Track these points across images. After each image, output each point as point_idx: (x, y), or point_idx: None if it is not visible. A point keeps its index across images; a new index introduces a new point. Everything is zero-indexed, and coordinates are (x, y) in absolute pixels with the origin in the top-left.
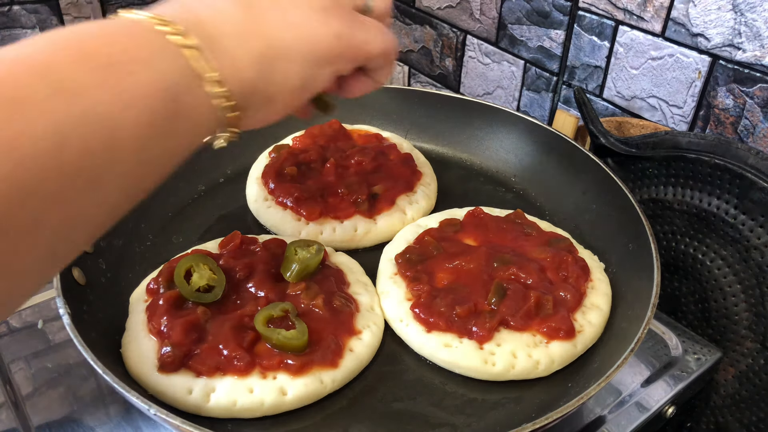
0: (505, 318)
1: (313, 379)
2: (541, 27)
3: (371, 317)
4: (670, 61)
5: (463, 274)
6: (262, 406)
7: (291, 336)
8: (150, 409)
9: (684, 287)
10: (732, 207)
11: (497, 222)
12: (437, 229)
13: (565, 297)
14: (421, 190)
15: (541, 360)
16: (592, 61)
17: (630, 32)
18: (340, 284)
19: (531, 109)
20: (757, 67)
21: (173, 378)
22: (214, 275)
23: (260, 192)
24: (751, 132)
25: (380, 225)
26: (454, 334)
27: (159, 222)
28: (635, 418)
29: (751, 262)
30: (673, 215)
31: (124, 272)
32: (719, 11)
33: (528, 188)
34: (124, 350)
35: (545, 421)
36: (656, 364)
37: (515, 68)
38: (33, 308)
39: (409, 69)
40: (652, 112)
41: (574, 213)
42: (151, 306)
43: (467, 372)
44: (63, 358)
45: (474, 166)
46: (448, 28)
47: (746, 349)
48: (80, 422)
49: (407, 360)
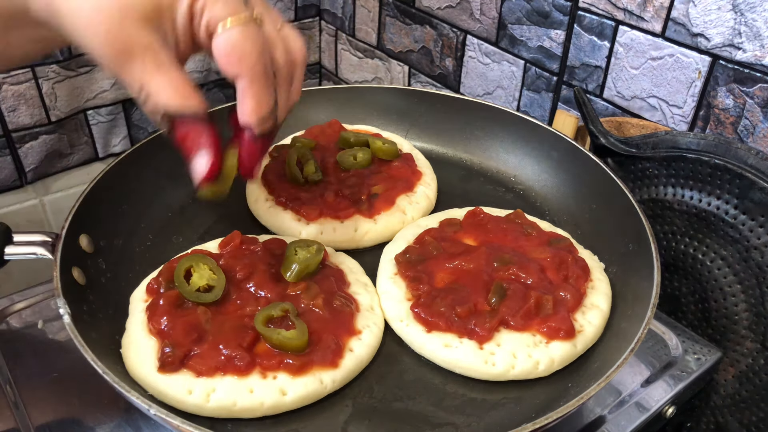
0: (505, 318)
1: (313, 379)
2: (541, 27)
3: (371, 317)
4: (670, 61)
5: (463, 274)
6: (262, 406)
7: (291, 336)
8: (150, 409)
9: (684, 287)
10: (732, 207)
11: (497, 222)
12: (437, 229)
13: (565, 297)
14: (421, 190)
15: (541, 360)
16: (592, 61)
17: (630, 32)
18: (340, 284)
19: (531, 109)
20: (757, 67)
21: (173, 378)
22: (214, 275)
23: (260, 192)
24: (751, 132)
25: (380, 225)
26: (454, 334)
27: (159, 222)
28: (635, 418)
29: (751, 262)
30: (673, 215)
31: (124, 272)
32: (719, 11)
33: (528, 188)
34: (124, 350)
35: (545, 421)
36: (656, 364)
37: (515, 68)
38: (33, 308)
39: (409, 69)
40: (652, 112)
41: (574, 213)
42: (151, 306)
43: (467, 372)
44: (63, 358)
45: (474, 166)
46: (448, 28)
47: (746, 349)
48: (80, 422)
49: (407, 360)
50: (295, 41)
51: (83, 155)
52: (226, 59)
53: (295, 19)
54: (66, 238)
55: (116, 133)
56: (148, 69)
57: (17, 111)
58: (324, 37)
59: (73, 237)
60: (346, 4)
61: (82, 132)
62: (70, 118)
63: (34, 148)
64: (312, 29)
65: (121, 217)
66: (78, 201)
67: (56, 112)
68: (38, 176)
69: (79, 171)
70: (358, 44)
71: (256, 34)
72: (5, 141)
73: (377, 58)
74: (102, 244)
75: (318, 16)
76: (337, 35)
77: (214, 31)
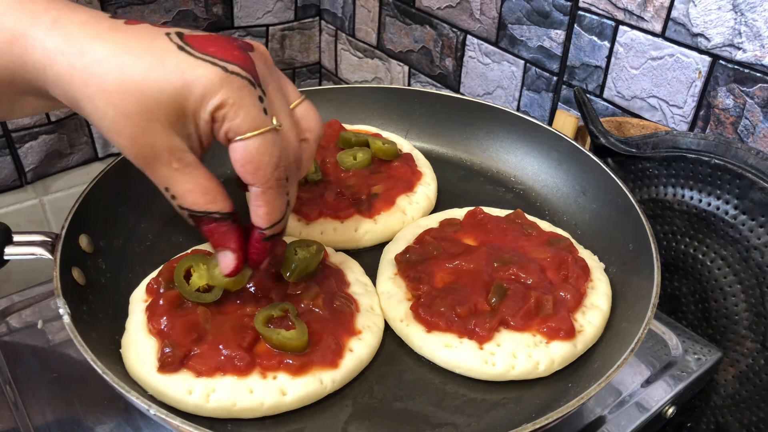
0: (505, 318)
1: (312, 379)
2: (541, 27)
3: (371, 317)
4: (670, 61)
5: (464, 274)
6: (262, 406)
7: (291, 336)
8: (150, 409)
9: (684, 287)
10: (732, 207)
11: (497, 222)
12: (437, 229)
13: (565, 297)
14: (421, 190)
15: (541, 360)
16: (592, 61)
17: (630, 32)
18: (340, 284)
19: (531, 109)
20: (757, 67)
21: (173, 378)
22: None
23: None
24: (751, 132)
25: (380, 225)
26: (454, 334)
27: (159, 222)
28: (635, 419)
29: (751, 262)
30: (673, 215)
31: (124, 272)
32: (719, 11)
33: (528, 188)
34: (123, 350)
35: (545, 421)
36: (656, 364)
37: (515, 68)
38: (33, 308)
39: (409, 69)
40: (652, 112)
41: (574, 213)
42: (151, 306)
43: (467, 372)
44: (63, 358)
45: (474, 166)
46: (448, 28)
47: (746, 349)
48: (80, 422)
49: (407, 360)
50: (311, 121)
51: (83, 155)
52: (242, 168)
53: (295, 19)
54: (66, 238)
55: None
56: (173, 171)
57: None
58: (324, 37)
59: (73, 237)
60: (346, 4)
61: (81, 132)
62: (69, 118)
63: (33, 148)
64: (312, 29)
65: (121, 217)
66: (78, 201)
67: (56, 112)
68: (38, 176)
69: (79, 171)
70: (358, 44)
71: (273, 145)
72: (5, 141)
73: (377, 58)
74: (102, 244)
75: (318, 16)
76: (337, 35)
77: (233, 139)
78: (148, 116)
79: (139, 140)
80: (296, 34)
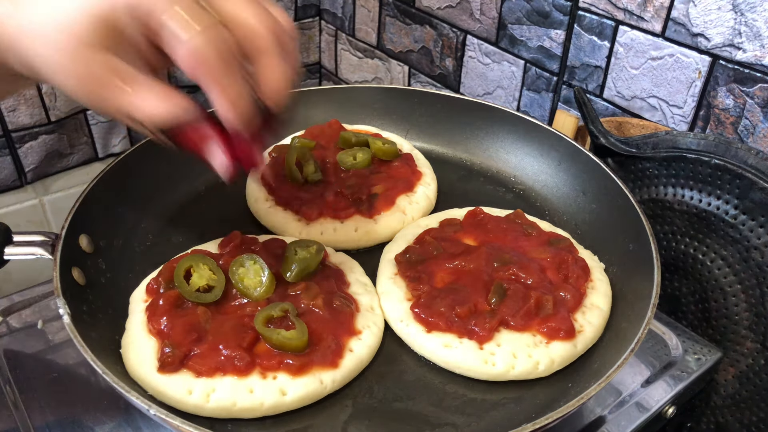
0: (505, 318)
1: (312, 379)
2: (541, 27)
3: (371, 317)
4: (670, 61)
5: (464, 274)
6: (262, 406)
7: (291, 336)
8: (150, 409)
9: (684, 287)
10: (732, 207)
11: (497, 222)
12: (437, 229)
13: (565, 297)
14: (421, 190)
15: (541, 360)
16: (592, 61)
17: (630, 32)
18: (340, 284)
19: (531, 109)
20: (757, 67)
21: (173, 378)
22: (214, 275)
23: (260, 192)
24: (751, 132)
25: (380, 225)
26: (454, 334)
27: (159, 222)
28: (635, 419)
29: (751, 262)
30: (673, 215)
31: (124, 272)
32: (719, 11)
33: (528, 188)
34: (123, 350)
35: (545, 421)
36: (656, 364)
37: (515, 68)
38: (33, 308)
39: (409, 69)
40: (652, 112)
41: (574, 213)
42: (151, 306)
43: (467, 372)
44: (63, 358)
45: (474, 166)
46: (448, 28)
47: (746, 349)
48: (80, 422)
49: (407, 360)
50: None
51: (83, 155)
52: (186, 66)
53: (294, 19)
54: (66, 238)
55: (116, 133)
56: (125, 94)
57: (17, 111)
58: (324, 37)
59: (73, 237)
60: (346, 4)
61: (81, 132)
62: (69, 118)
63: (33, 148)
64: (312, 29)
65: (121, 217)
66: (78, 201)
67: (56, 112)
68: (38, 176)
69: (79, 171)
70: (358, 44)
71: (210, 40)
72: (5, 141)
73: (377, 58)
74: (102, 244)
75: (318, 16)
76: (337, 35)
77: (171, 43)
78: (84, 45)
79: (81, 72)
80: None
